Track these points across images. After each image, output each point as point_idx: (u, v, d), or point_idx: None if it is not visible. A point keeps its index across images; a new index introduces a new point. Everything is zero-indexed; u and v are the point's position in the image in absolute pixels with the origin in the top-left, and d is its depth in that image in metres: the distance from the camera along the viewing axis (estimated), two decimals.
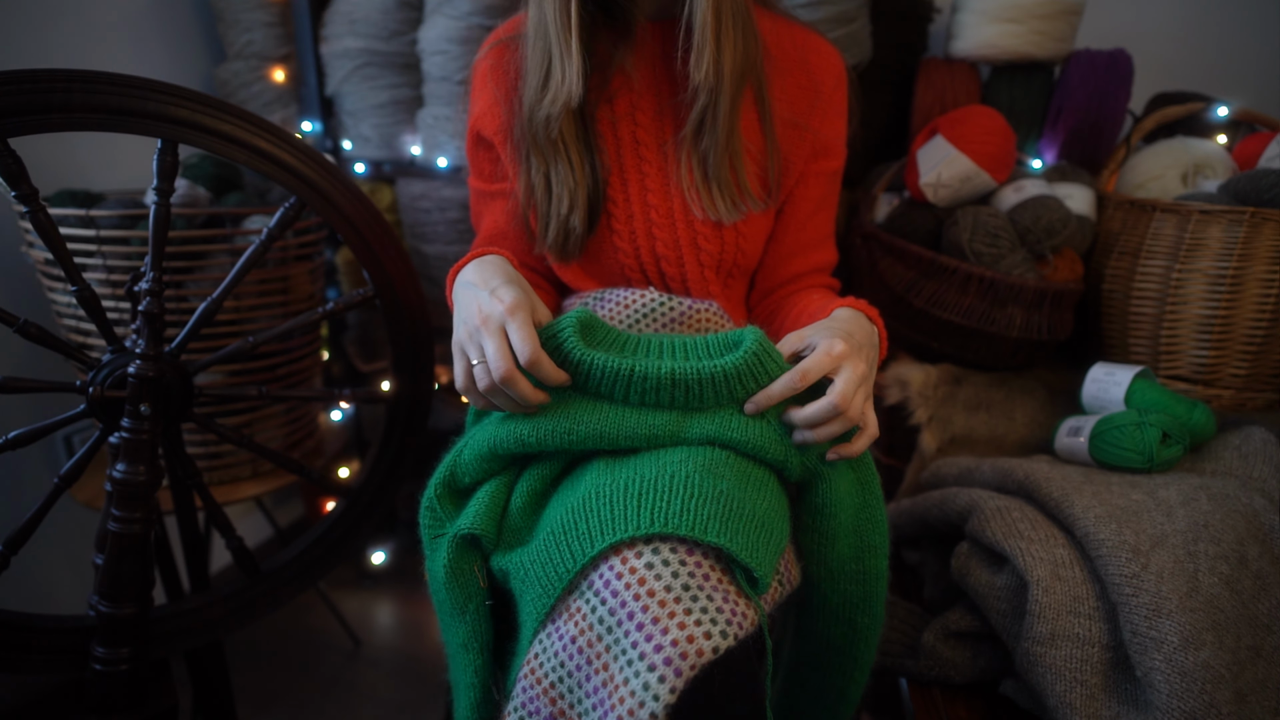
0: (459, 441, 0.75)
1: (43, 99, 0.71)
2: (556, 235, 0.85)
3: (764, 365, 0.68)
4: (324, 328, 1.62)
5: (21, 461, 1.32)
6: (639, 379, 0.67)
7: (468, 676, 0.71)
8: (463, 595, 0.70)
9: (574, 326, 0.69)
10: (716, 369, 0.67)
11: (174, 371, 0.84)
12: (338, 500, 1.00)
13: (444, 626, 0.74)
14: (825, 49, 0.89)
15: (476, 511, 0.69)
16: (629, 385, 0.68)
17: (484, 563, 0.71)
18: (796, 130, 0.87)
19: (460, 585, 0.69)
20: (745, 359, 0.67)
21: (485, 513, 0.69)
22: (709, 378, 0.67)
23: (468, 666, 0.71)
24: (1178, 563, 0.70)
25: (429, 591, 0.75)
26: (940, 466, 0.98)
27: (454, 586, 0.69)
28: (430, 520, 0.73)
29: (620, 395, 0.69)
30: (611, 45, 0.84)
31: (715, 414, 0.68)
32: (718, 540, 0.58)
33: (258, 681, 1.50)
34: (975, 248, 1.06)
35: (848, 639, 0.75)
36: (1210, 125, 1.22)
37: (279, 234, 0.86)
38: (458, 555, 0.69)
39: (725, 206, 0.83)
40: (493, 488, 0.71)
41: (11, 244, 1.27)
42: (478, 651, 0.70)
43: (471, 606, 0.70)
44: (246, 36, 1.58)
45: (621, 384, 0.68)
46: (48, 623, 0.83)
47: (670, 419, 0.68)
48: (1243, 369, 0.99)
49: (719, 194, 0.83)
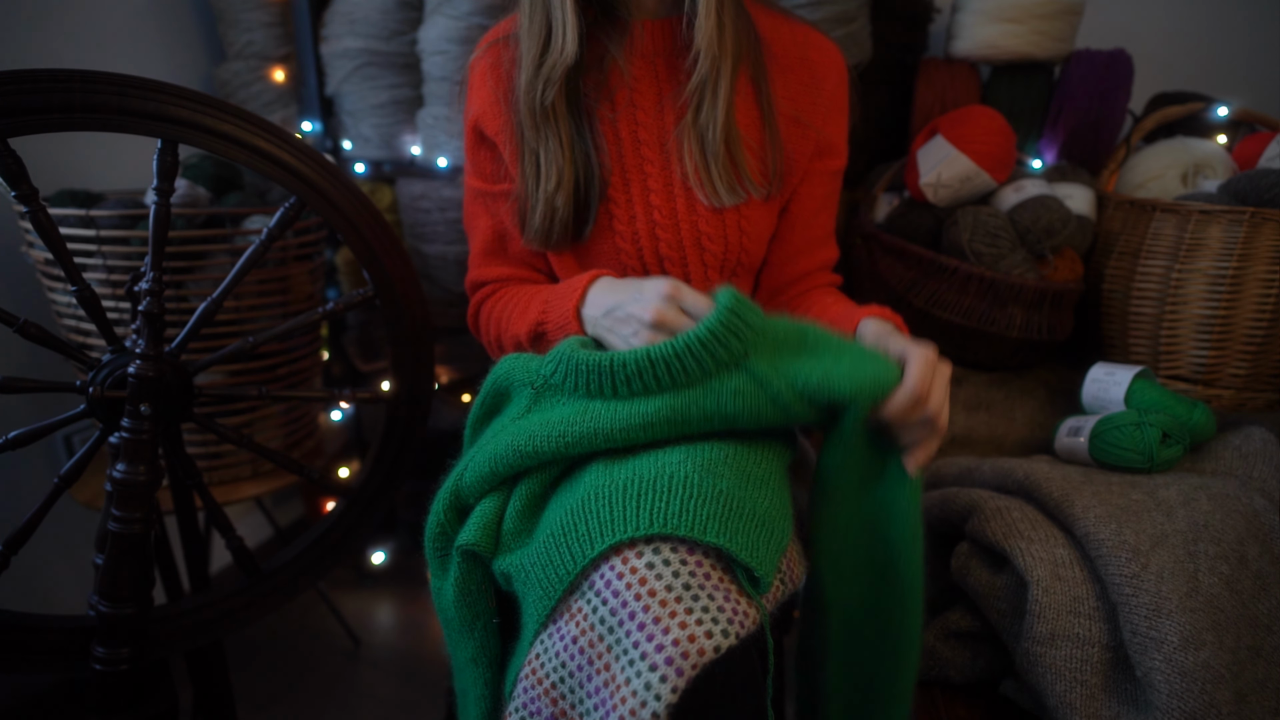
0: (458, 464, 0.75)
1: (43, 99, 0.71)
2: (543, 219, 0.85)
3: (744, 320, 0.66)
4: (324, 328, 1.62)
5: (21, 461, 1.31)
6: (619, 367, 0.67)
7: (478, 689, 0.71)
8: (471, 614, 0.70)
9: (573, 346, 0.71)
10: (691, 338, 0.66)
11: (174, 371, 0.84)
12: (338, 500, 1.00)
13: (451, 641, 0.74)
14: (826, 46, 0.89)
15: (474, 525, 0.69)
16: (612, 377, 0.68)
17: (490, 580, 0.70)
18: (799, 127, 0.87)
19: (469, 604, 0.69)
20: (720, 320, 0.66)
21: (479, 525, 0.69)
22: (685, 348, 0.66)
23: (478, 679, 0.71)
24: (1178, 563, 0.70)
25: (434, 607, 0.75)
26: (940, 466, 0.98)
27: (463, 605, 0.69)
28: (438, 538, 0.73)
29: (609, 391, 0.68)
30: (607, 39, 0.84)
31: (709, 393, 0.67)
32: (717, 540, 0.58)
33: (258, 681, 1.50)
34: (975, 248, 1.06)
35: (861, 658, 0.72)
36: (1210, 125, 1.22)
37: (279, 234, 0.86)
38: (466, 573, 0.69)
39: (723, 187, 0.83)
40: (492, 501, 0.71)
41: (11, 244, 1.27)
42: (486, 665, 0.70)
43: (480, 624, 0.70)
44: (246, 36, 1.58)
45: (606, 378, 0.68)
46: (48, 623, 0.83)
47: (664, 404, 0.67)
48: (1243, 369, 0.99)
49: (718, 174, 0.82)
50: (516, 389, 0.76)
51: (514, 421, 0.72)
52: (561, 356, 0.72)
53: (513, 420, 0.72)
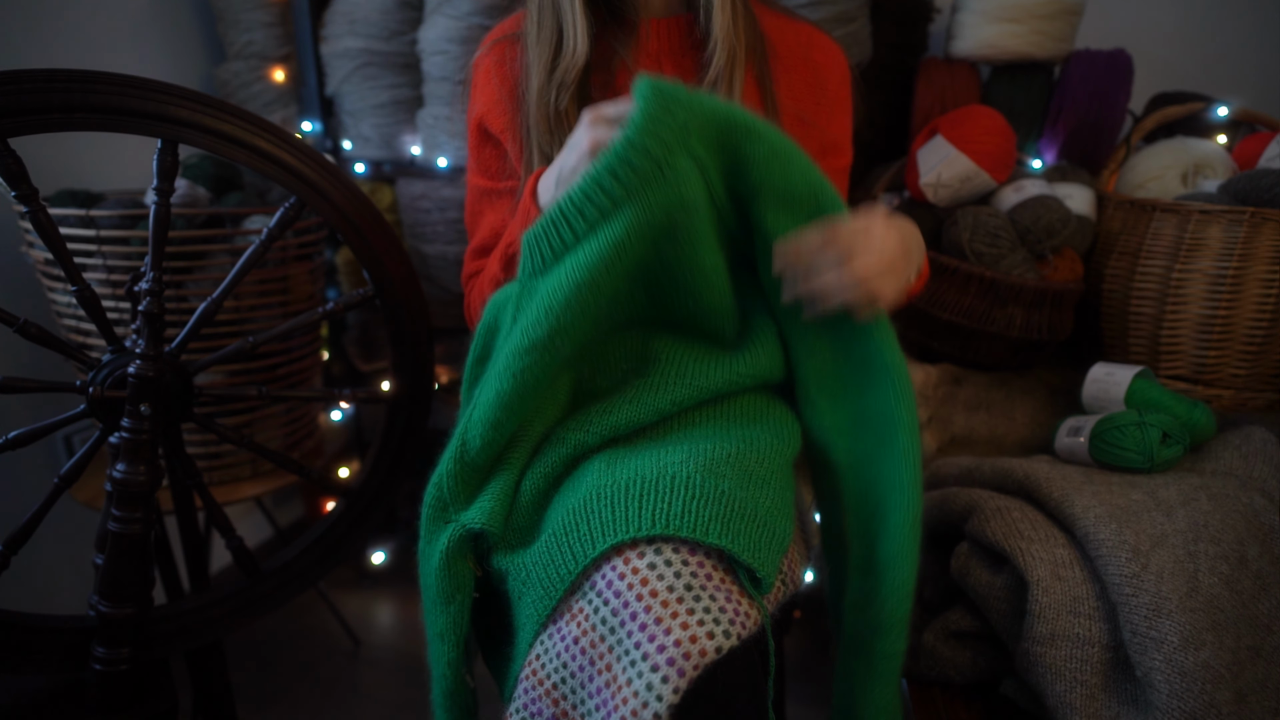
0: (460, 419, 0.73)
1: (43, 99, 0.71)
2: None
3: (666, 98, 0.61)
4: (324, 328, 1.62)
5: (21, 461, 1.31)
6: (566, 202, 0.65)
7: (440, 666, 0.70)
8: (452, 585, 0.69)
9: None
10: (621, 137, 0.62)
11: (174, 371, 0.84)
12: (338, 500, 1.00)
13: (427, 612, 0.73)
14: (829, 45, 0.89)
15: (488, 510, 0.68)
16: (566, 220, 0.65)
17: (478, 557, 0.70)
18: (804, 126, 0.87)
19: (452, 575, 0.68)
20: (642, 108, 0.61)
21: (497, 510, 0.68)
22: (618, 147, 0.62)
23: (441, 657, 0.70)
24: (1178, 563, 0.70)
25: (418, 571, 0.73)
26: (940, 466, 0.98)
27: (445, 575, 0.68)
28: (435, 502, 0.71)
29: (571, 236, 0.66)
30: (614, 40, 0.84)
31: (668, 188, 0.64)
32: (719, 541, 0.58)
33: (258, 681, 1.50)
34: (975, 248, 1.06)
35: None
36: (1210, 125, 1.22)
37: (279, 234, 0.86)
38: (457, 545, 0.68)
39: None
40: (503, 483, 0.70)
41: (11, 244, 1.27)
42: (453, 644, 0.69)
43: (459, 598, 0.69)
44: (246, 36, 1.58)
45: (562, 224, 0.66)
46: (48, 623, 0.83)
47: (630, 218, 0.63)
48: (1243, 369, 0.99)
49: None
50: (504, 315, 0.73)
51: (505, 339, 0.70)
52: (527, 242, 0.69)
53: (504, 339, 0.71)
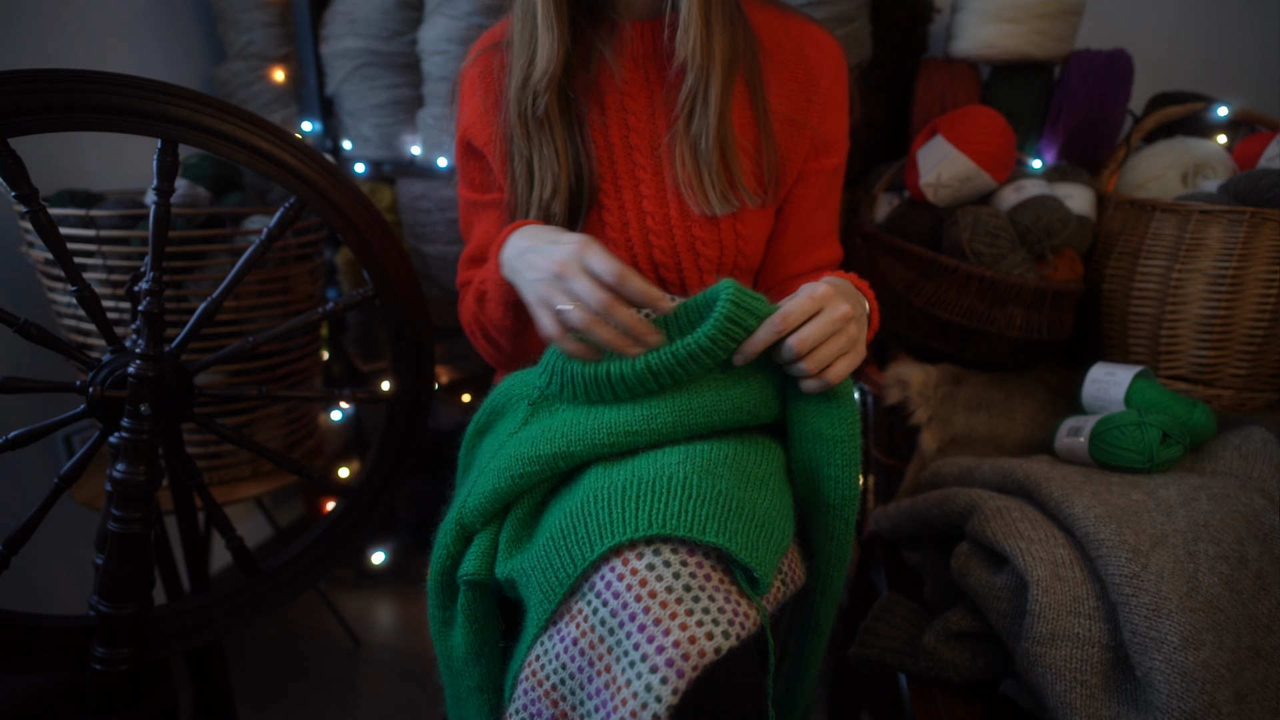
0: (458, 494, 0.74)
1: (43, 99, 0.71)
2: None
3: (742, 322, 0.66)
4: (324, 328, 1.62)
5: (21, 461, 1.31)
6: (616, 380, 0.67)
7: (484, 716, 0.71)
8: (479, 641, 0.69)
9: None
10: (692, 346, 0.65)
11: (174, 371, 0.84)
12: (338, 500, 1.00)
13: (452, 673, 0.73)
14: (823, 40, 0.87)
15: (472, 556, 0.69)
16: (611, 388, 0.68)
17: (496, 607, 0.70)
18: (794, 127, 0.86)
19: (476, 631, 0.69)
20: (719, 325, 0.65)
21: (478, 555, 0.68)
22: (686, 357, 0.65)
23: (483, 707, 0.71)
24: (1178, 563, 0.70)
25: (434, 650, 0.74)
26: (940, 466, 0.97)
27: (470, 633, 0.69)
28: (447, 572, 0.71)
29: (609, 397, 0.68)
30: (596, 41, 0.83)
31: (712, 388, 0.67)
32: (716, 541, 0.58)
33: (258, 681, 1.50)
34: (975, 248, 1.06)
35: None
36: (1210, 125, 1.22)
37: (279, 234, 0.86)
38: (473, 600, 0.69)
39: (716, 197, 0.82)
40: (489, 533, 0.70)
41: (11, 244, 1.27)
42: (493, 692, 0.70)
43: (487, 650, 0.70)
44: (246, 36, 1.58)
45: (605, 388, 0.68)
46: (48, 623, 0.83)
47: (666, 404, 0.66)
48: (1243, 369, 0.99)
49: (710, 183, 0.81)
50: (512, 405, 0.75)
51: (511, 435, 0.72)
52: (554, 368, 0.71)
53: (509, 434, 0.72)
